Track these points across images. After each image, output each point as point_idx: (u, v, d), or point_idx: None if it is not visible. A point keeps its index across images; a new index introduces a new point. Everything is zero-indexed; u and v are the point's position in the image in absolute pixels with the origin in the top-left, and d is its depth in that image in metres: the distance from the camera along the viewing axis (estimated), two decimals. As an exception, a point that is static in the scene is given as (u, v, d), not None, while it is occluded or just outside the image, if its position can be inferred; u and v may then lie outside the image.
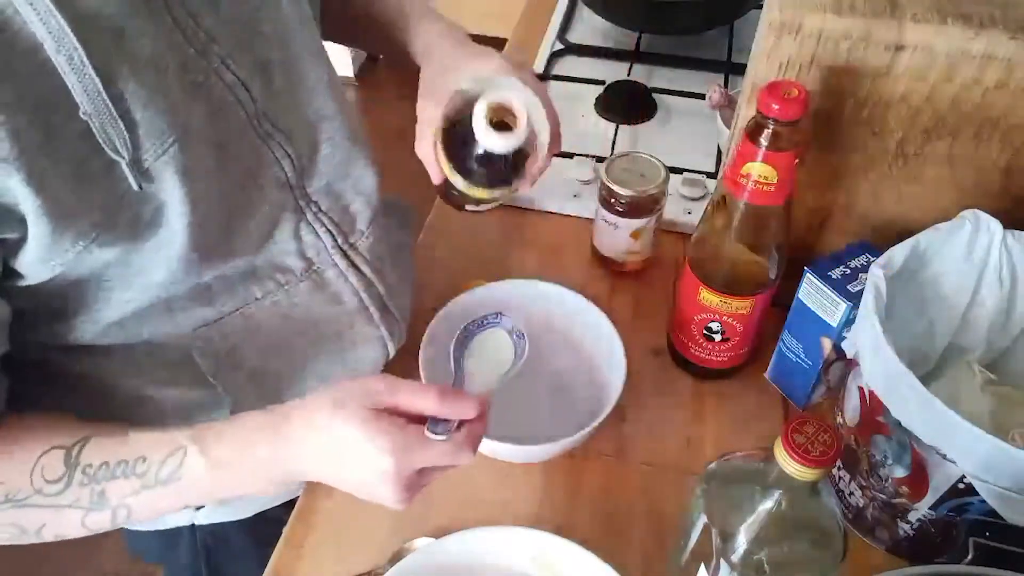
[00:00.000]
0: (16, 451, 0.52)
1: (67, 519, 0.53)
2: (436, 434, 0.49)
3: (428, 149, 0.60)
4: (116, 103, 0.44)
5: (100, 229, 0.47)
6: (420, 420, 0.50)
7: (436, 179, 0.62)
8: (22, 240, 0.46)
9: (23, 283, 0.49)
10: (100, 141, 0.44)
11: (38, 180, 0.43)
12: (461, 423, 0.50)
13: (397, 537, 0.67)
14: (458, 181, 0.52)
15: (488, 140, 0.48)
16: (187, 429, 0.53)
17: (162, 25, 0.48)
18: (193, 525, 0.80)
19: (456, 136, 0.50)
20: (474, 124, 0.47)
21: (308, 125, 0.60)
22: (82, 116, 0.43)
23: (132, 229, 0.49)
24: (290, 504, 0.71)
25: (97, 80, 0.43)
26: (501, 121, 0.49)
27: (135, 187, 0.47)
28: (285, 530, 0.68)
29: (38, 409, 0.55)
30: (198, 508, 0.72)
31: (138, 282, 0.53)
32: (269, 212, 0.59)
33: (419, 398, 0.50)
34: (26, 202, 0.43)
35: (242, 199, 0.56)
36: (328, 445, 0.50)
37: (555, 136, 0.58)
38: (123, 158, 0.45)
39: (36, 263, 0.47)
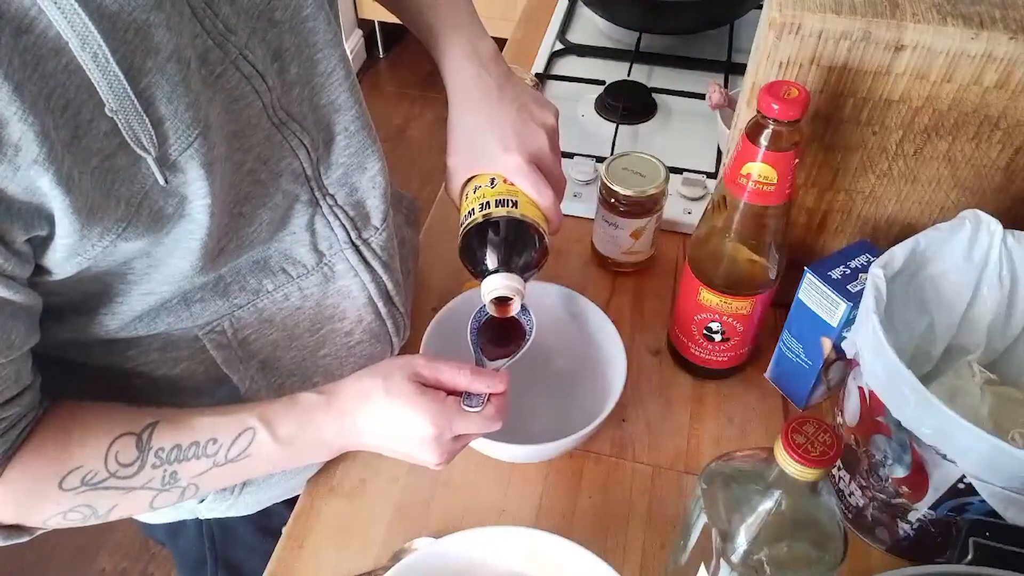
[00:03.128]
0: (88, 438, 0.55)
1: (138, 500, 0.56)
2: (471, 407, 0.56)
3: (456, 197, 0.67)
4: (141, 99, 0.45)
5: (125, 224, 0.47)
6: (456, 393, 0.57)
7: None
8: (50, 238, 0.46)
9: (49, 279, 0.49)
10: (127, 138, 0.45)
11: (66, 179, 0.43)
12: (490, 396, 0.57)
13: (397, 537, 0.67)
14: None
15: (491, 310, 0.61)
16: (251, 408, 0.58)
17: (182, 16, 0.48)
18: (197, 518, 0.80)
19: (471, 251, 0.61)
20: (482, 289, 0.60)
21: (323, 114, 0.60)
22: (108, 113, 0.44)
23: (156, 222, 0.49)
24: (292, 501, 0.72)
25: (122, 77, 0.43)
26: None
27: (162, 182, 0.47)
28: (285, 529, 0.69)
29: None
30: (200, 501, 0.73)
31: (159, 275, 0.54)
32: (283, 202, 0.59)
33: (456, 375, 0.57)
34: (55, 201, 0.43)
35: (256, 188, 0.56)
36: (380, 416, 0.57)
37: (556, 226, 0.65)
38: (150, 154, 0.46)
39: (63, 260, 0.47)
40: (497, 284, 0.59)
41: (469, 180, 0.65)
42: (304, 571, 0.66)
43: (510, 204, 0.61)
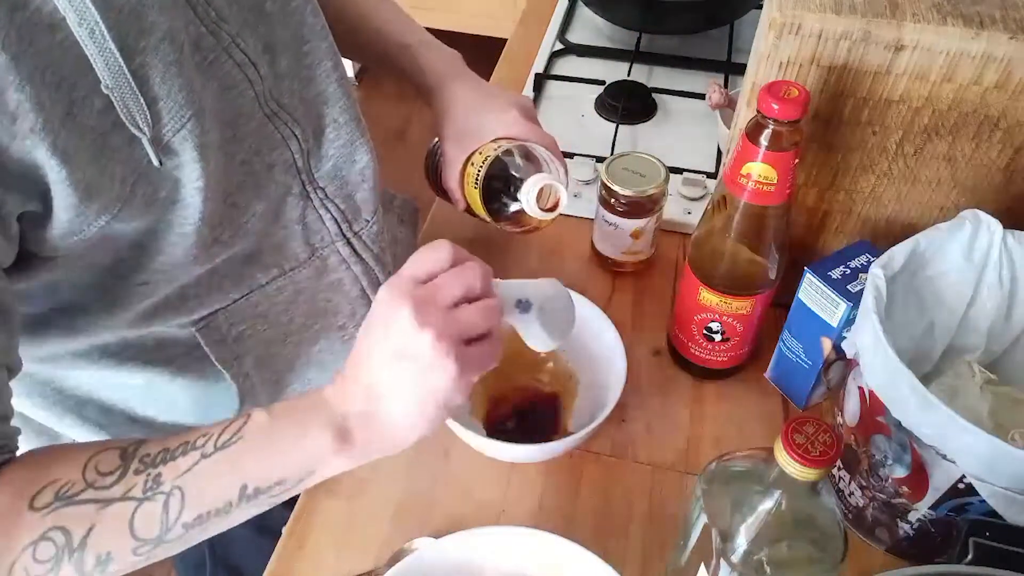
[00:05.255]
0: (70, 452, 0.49)
1: (116, 517, 0.47)
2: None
3: (456, 184, 0.69)
4: (135, 77, 0.45)
5: (120, 204, 0.48)
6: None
7: (460, 207, 0.73)
8: (46, 216, 0.46)
9: (45, 268, 0.49)
10: (121, 116, 0.45)
11: (62, 152, 0.43)
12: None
13: (397, 537, 0.67)
14: (492, 223, 0.64)
15: (537, 214, 0.61)
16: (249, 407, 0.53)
17: (175, 3, 0.49)
18: None
19: (491, 189, 0.63)
20: (522, 198, 0.60)
21: (313, 106, 0.61)
22: (103, 90, 0.44)
23: (150, 206, 0.50)
24: (292, 501, 0.72)
25: (118, 54, 0.43)
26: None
27: (156, 163, 0.48)
28: (285, 529, 0.69)
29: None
30: None
31: (153, 266, 0.54)
32: (276, 193, 0.59)
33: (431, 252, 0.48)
34: (51, 173, 0.44)
35: (249, 178, 0.57)
36: (369, 331, 0.48)
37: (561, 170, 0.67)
38: (144, 134, 0.46)
39: (60, 237, 0.47)
40: (538, 179, 0.60)
41: (469, 157, 0.68)
42: (304, 571, 0.66)
43: (516, 143, 0.64)
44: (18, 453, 0.50)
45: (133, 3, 0.45)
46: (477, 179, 0.65)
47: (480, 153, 0.66)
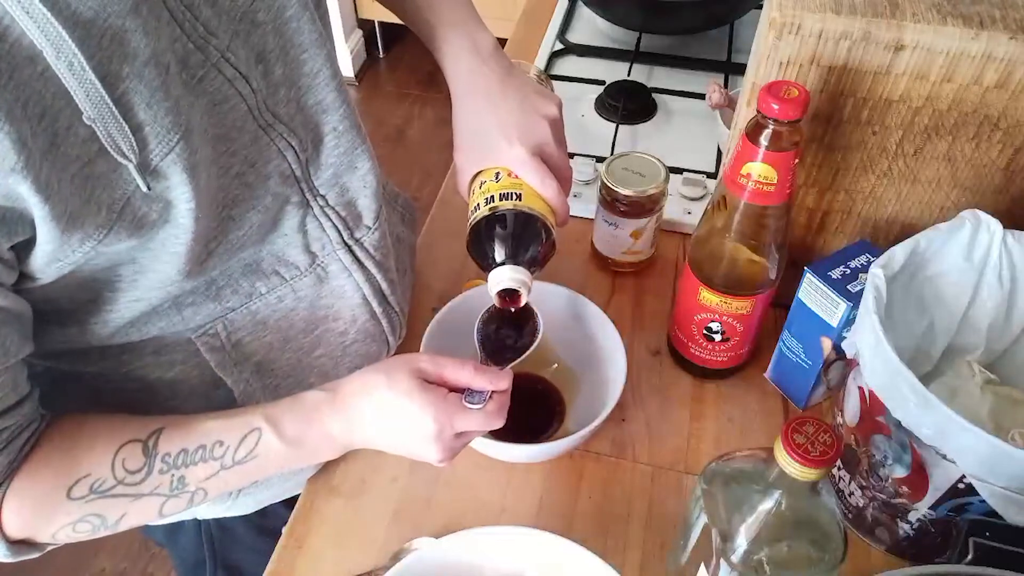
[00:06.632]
0: (95, 446, 0.55)
1: (146, 507, 0.56)
2: (472, 403, 0.56)
3: (465, 192, 0.67)
4: (119, 105, 0.44)
5: (107, 230, 0.47)
6: (458, 391, 0.58)
7: None
8: (32, 242, 0.46)
9: (33, 285, 0.49)
10: (106, 145, 0.44)
11: (45, 186, 0.43)
12: (491, 394, 0.57)
13: (397, 537, 0.67)
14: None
15: (496, 303, 0.62)
16: (257, 409, 0.58)
17: (160, 20, 0.47)
18: (196, 519, 0.80)
19: (478, 245, 0.62)
20: (488, 282, 0.61)
21: (311, 115, 0.60)
22: (86, 121, 0.43)
23: (139, 228, 0.49)
24: (291, 501, 0.72)
25: (99, 85, 0.43)
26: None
27: (144, 189, 0.47)
28: (285, 530, 0.69)
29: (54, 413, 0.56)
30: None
31: (147, 281, 0.54)
32: (273, 204, 0.59)
33: (459, 371, 0.57)
34: (35, 208, 0.43)
35: (245, 191, 0.56)
36: (382, 409, 0.57)
37: (563, 218, 0.65)
38: (130, 161, 0.45)
39: (44, 265, 0.47)
40: (503, 276, 0.59)
41: (476, 175, 0.65)
42: (304, 571, 0.66)
43: (514, 197, 0.61)
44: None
45: (115, 28, 0.44)
46: (469, 221, 0.62)
47: (481, 187, 0.63)
